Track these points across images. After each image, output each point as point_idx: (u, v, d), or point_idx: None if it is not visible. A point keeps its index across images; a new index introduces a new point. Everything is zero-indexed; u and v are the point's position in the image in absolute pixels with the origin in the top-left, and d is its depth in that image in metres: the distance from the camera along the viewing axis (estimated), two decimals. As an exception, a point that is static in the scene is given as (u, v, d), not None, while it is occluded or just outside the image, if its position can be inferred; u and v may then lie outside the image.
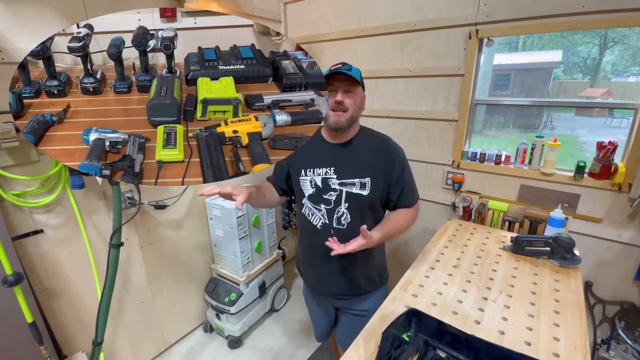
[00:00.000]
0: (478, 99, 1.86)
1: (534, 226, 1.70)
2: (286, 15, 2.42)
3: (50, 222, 1.43)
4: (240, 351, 2.08)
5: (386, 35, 2.01)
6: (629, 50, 1.85)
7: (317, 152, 1.17)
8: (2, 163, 1.25)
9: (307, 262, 1.30)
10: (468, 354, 0.88)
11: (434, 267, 1.32)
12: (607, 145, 1.51)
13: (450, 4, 1.74)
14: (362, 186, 1.11)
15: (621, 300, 1.61)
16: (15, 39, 1.23)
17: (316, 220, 1.18)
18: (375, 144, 1.16)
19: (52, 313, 1.48)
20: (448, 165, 1.98)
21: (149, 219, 1.81)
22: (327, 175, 1.14)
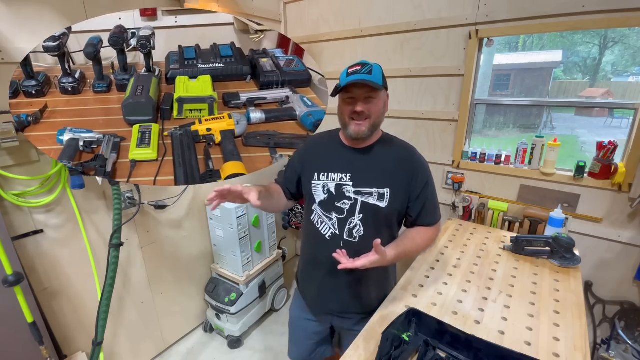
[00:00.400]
0: (478, 99, 1.86)
1: (534, 226, 1.70)
2: (286, 15, 2.42)
3: (50, 222, 1.43)
4: (240, 351, 2.08)
5: (386, 35, 2.00)
6: (629, 50, 1.85)
7: (332, 155, 1.07)
8: (2, 163, 1.25)
9: (310, 275, 1.17)
10: (468, 354, 0.88)
11: (434, 267, 1.32)
12: (607, 145, 1.51)
13: (450, 4, 1.74)
14: (380, 197, 1.01)
15: (621, 300, 1.61)
16: (15, 39, 1.23)
17: (325, 230, 1.07)
18: (398, 152, 1.06)
19: (52, 313, 1.48)
20: (448, 165, 1.98)
21: (149, 219, 1.81)
22: (342, 182, 1.03)
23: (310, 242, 1.15)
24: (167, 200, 1.82)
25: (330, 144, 1.10)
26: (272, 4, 2.34)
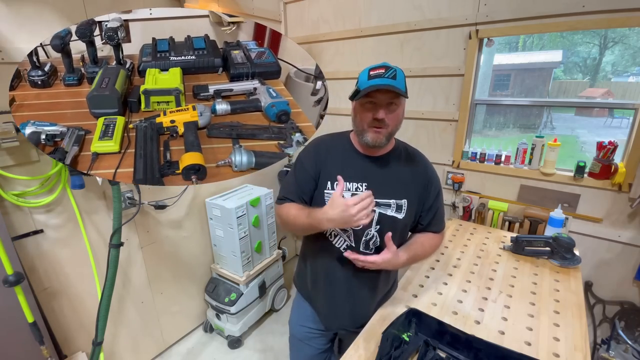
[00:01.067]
0: (478, 99, 1.86)
1: (534, 226, 1.70)
2: (286, 15, 2.42)
3: (50, 222, 1.43)
4: (240, 351, 2.08)
5: (386, 35, 2.00)
6: (629, 50, 1.85)
7: (347, 163, 1.00)
8: (2, 163, 1.25)
9: (324, 291, 1.10)
10: (468, 354, 0.88)
11: (434, 267, 1.32)
12: (607, 145, 1.51)
13: (450, 4, 1.74)
14: (398, 208, 0.98)
15: (621, 300, 1.61)
16: (15, 39, 1.23)
17: (340, 243, 1.01)
18: (412, 162, 1.03)
19: (52, 313, 1.48)
20: (448, 165, 1.98)
21: (149, 219, 1.81)
22: (358, 192, 0.97)
23: (321, 254, 1.06)
24: (167, 200, 1.82)
25: (342, 149, 1.02)
26: (272, 4, 2.34)
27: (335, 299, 1.08)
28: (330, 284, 1.07)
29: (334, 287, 1.07)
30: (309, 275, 1.15)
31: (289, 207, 1.00)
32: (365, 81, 0.88)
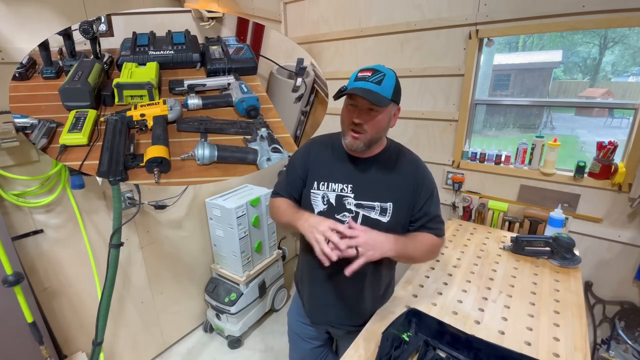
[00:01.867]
0: (478, 99, 1.86)
1: (534, 226, 1.70)
2: (286, 15, 2.42)
3: (50, 222, 1.43)
4: (240, 351, 2.08)
5: (386, 35, 2.00)
6: (629, 50, 1.85)
7: (334, 164, 1.00)
8: (2, 163, 1.25)
9: (309, 286, 1.12)
10: (468, 354, 0.88)
11: (434, 267, 1.32)
12: (607, 145, 1.51)
13: (450, 4, 1.74)
14: (383, 212, 0.96)
15: (621, 300, 1.61)
16: (15, 39, 1.23)
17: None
18: (403, 165, 1.00)
19: (52, 313, 1.48)
20: (448, 165, 1.98)
21: (149, 219, 1.81)
22: (342, 193, 0.98)
23: (308, 253, 1.05)
24: (167, 200, 1.82)
25: (332, 150, 1.03)
26: (272, 4, 2.34)
27: (317, 294, 1.10)
28: (313, 282, 1.09)
29: (315, 284, 1.08)
30: (299, 271, 1.18)
31: (280, 202, 1.05)
32: (352, 82, 0.87)
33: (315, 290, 1.09)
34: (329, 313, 1.09)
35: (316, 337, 1.23)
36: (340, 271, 0.93)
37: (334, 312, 1.08)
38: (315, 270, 1.05)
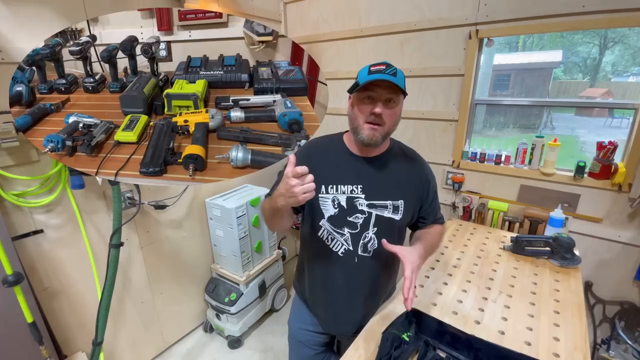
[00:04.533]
0: (478, 99, 1.86)
1: (534, 226, 1.70)
2: (286, 15, 2.42)
3: (50, 222, 1.43)
4: (240, 351, 2.08)
5: (386, 35, 2.00)
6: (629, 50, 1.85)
7: (340, 165, 0.99)
8: (2, 163, 1.25)
9: (322, 296, 1.09)
10: (468, 354, 0.88)
11: (434, 267, 1.32)
12: (607, 145, 1.51)
13: (450, 4, 1.74)
14: (395, 209, 0.97)
15: (621, 300, 1.61)
16: (15, 39, 1.23)
17: (337, 247, 1.00)
18: (408, 162, 1.03)
19: (52, 313, 1.48)
20: (448, 165, 1.98)
21: (149, 219, 1.81)
22: (353, 194, 0.96)
23: (318, 259, 1.05)
24: (167, 200, 1.82)
25: (335, 152, 1.01)
26: (272, 4, 2.34)
27: (335, 305, 1.07)
28: (329, 290, 1.06)
29: (333, 293, 1.05)
30: (307, 281, 1.14)
31: (265, 200, 0.99)
32: (366, 76, 0.87)
33: (333, 298, 1.06)
34: (347, 322, 1.08)
35: (321, 343, 1.22)
36: (356, 275, 1.01)
37: (351, 321, 1.07)
38: (331, 280, 1.04)
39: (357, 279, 1.02)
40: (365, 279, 1.02)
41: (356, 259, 1.00)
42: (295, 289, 1.26)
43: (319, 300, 1.11)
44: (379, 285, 1.06)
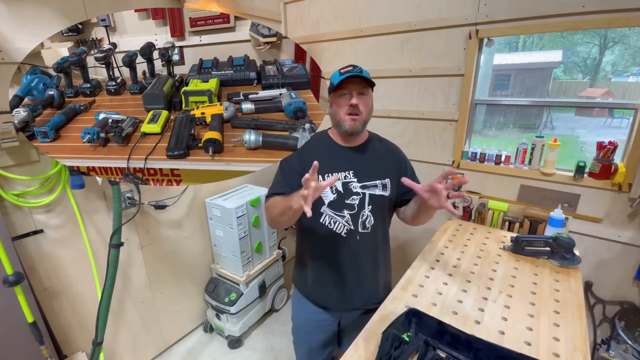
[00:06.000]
0: (478, 99, 1.86)
1: (534, 226, 1.70)
2: (286, 15, 2.42)
3: (50, 222, 1.43)
4: (240, 351, 2.08)
5: (386, 35, 2.00)
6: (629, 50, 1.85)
7: (332, 156, 1.13)
8: (2, 163, 1.25)
9: (330, 277, 1.18)
10: (468, 354, 0.88)
11: (434, 267, 1.32)
12: (607, 145, 1.51)
13: (450, 4, 1.74)
14: (384, 187, 1.12)
15: (621, 300, 1.61)
16: (15, 39, 1.23)
17: (340, 228, 1.11)
18: (387, 146, 1.21)
19: (52, 313, 1.48)
20: (448, 165, 1.98)
21: (149, 219, 1.81)
22: (347, 179, 1.11)
23: (323, 244, 1.15)
24: (167, 200, 1.82)
25: (326, 146, 1.16)
26: (272, 4, 2.34)
27: (345, 283, 1.17)
28: (338, 270, 1.16)
29: (341, 271, 1.16)
30: (311, 269, 1.22)
31: (275, 199, 1.08)
32: (338, 77, 1.03)
33: (342, 276, 1.16)
34: (357, 297, 1.19)
35: (327, 331, 1.28)
36: (359, 249, 1.13)
37: (360, 294, 1.19)
38: (338, 260, 1.15)
39: (361, 255, 1.14)
40: (368, 253, 1.15)
41: (358, 237, 1.12)
42: (295, 283, 1.32)
43: (329, 282, 1.19)
44: (379, 257, 1.19)
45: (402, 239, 2.29)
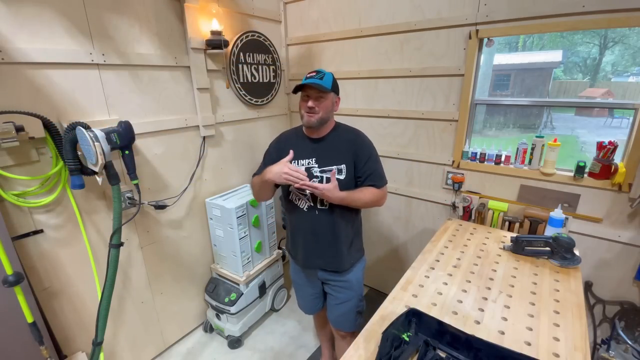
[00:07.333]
0: (478, 99, 1.86)
1: (534, 226, 1.70)
2: (286, 15, 2.42)
3: (50, 222, 1.43)
4: (240, 351, 2.08)
5: (386, 35, 2.00)
6: (629, 50, 1.85)
7: (300, 146, 1.36)
8: (2, 163, 1.25)
9: (297, 241, 1.47)
10: (468, 354, 0.88)
11: (434, 267, 1.32)
12: (607, 145, 1.51)
13: (450, 4, 1.74)
14: (339, 172, 1.31)
15: (621, 300, 1.61)
16: (15, 39, 1.23)
17: (302, 204, 1.37)
18: (347, 136, 1.36)
19: (52, 313, 1.48)
20: (448, 165, 1.98)
21: (149, 219, 1.81)
22: (309, 165, 1.33)
23: (293, 216, 1.44)
24: (167, 200, 1.82)
25: (296, 137, 1.40)
26: (272, 4, 2.34)
27: (307, 247, 1.43)
28: (302, 236, 1.43)
29: (304, 238, 1.42)
30: (290, 237, 1.53)
31: (256, 177, 1.42)
32: (303, 80, 1.24)
33: (305, 240, 1.43)
34: (317, 258, 1.42)
35: (314, 286, 1.56)
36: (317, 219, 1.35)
37: (321, 256, 1.41)
38: (302, 229, 1.42)
39: (319, 226, 1.36)
40: (326, 225, 1.35)
41: (317, 212, 1.34)
42: (286, 246, 1.62)
43: (298, 245, 1.47)
44: (338, 230, 1.36)
45: (402, 238, 2.30)
